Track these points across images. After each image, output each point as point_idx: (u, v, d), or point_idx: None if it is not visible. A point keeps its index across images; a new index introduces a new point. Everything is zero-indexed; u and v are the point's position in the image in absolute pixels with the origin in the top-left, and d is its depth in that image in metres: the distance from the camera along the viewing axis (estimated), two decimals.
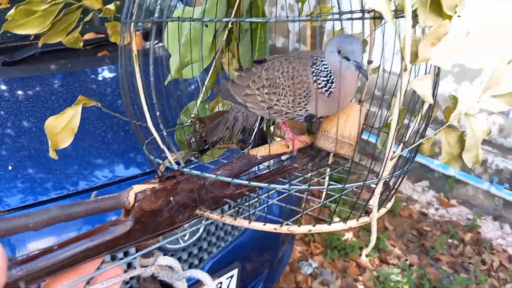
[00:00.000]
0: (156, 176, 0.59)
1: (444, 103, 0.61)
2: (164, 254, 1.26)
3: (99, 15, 0.63)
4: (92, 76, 1.59)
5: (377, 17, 0.65)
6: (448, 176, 3.16)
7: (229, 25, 0.87)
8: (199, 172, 0.57)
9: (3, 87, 1.43)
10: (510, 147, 2.96)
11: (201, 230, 1.36)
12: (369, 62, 0.80)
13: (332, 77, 0.65)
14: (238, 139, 0.81)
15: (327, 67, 0.65)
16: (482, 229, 2.83)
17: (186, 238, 1.31)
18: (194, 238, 1.34)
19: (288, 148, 0.76)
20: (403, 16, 0.50)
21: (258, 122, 0.78)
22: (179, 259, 1.34)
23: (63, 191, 1.15)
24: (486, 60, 0.47)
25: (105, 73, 1.61)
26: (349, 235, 2.66)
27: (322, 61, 0.66)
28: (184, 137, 0.85)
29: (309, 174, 0.79)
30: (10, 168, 1.15)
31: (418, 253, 2.62)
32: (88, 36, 1.61)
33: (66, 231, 1.08)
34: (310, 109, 0.69)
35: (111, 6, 0.61)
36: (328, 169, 0.83)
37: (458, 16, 0.59)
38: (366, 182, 0.56)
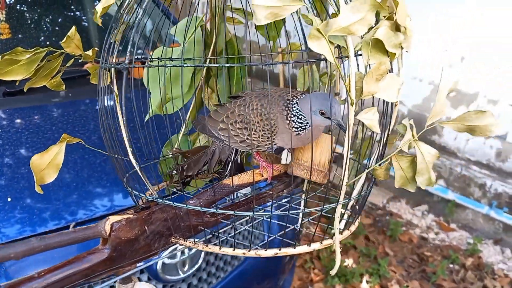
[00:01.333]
0: (132, 207, 0.64)
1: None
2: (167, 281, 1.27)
3: (80, 61, 0.69)
4: (92, 104, 1.63)
5: (339, 57, 0.71)
6: (448, 200, 3.14)
7: (207, 63, 0.93)
8: (171, 203, 0.62)
9: (3, 117, 1.45)
10: (508, 171, 2.95)
11: (200, 260, 1.36)
12: (336, 94, 0.85)
13: (307, 126, 0.71)
14: (215, 170, 0.86)
15: (305, 118, 0.70)
16: (483, 254, 2.80)
17: (185, 268, 1.31)
18: (194, 268, 1.33)
19: (262, 176, 0.81)
20: (347, 57, 0.56)
21: (234, 154, 0.83)
22: None
23: (61, 221, 1.17)
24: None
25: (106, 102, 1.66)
26: (349, 262, 2.66)
27: (298, 110, 0.71)
28: (167, 169, 0.90)
29: (284, 200, 0.84)
30: (9, 199, 1.17)
31: (419, 279, 2.59)
32: (88, 66, 1.66)
33: None
34: (277, 142, 0.74)
35: (89, 52, 0.67)
36: (303, 195, 0.88)
37: (406, 51, 0.66)
38: (324, 207, 0.61)
